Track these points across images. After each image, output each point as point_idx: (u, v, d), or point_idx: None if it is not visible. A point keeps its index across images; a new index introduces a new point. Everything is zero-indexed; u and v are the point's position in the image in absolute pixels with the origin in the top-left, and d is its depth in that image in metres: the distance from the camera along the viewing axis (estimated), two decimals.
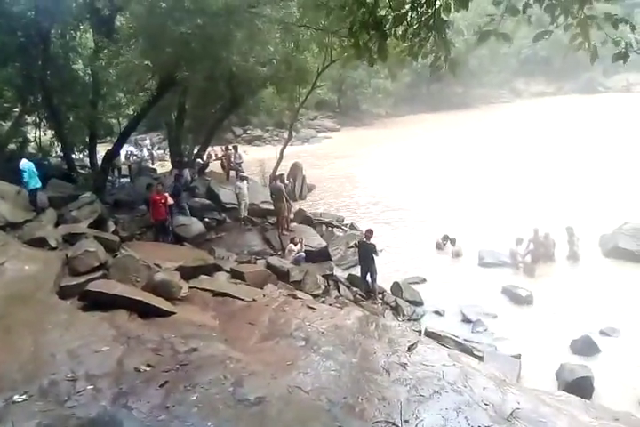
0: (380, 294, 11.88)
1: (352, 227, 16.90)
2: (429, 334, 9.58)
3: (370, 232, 12.38)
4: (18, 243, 9.68)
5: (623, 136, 28.33)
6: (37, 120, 19.25)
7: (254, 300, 8.91)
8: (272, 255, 13.21)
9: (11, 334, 5.87)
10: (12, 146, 18.36)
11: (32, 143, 19.80)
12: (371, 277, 11.85)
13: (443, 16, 4.30)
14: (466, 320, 11.04)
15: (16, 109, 18.24)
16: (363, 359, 6.99)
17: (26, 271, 8.23)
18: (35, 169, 11.72)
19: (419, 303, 11.88)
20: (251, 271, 10.72)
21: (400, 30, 4.54)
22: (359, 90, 45.45)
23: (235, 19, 13.04)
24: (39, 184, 11.80)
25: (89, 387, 4.80)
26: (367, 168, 26.75)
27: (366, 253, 11.98)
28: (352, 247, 13.99)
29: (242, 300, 8.80)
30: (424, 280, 13.15)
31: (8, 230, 10.35)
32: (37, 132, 19.67)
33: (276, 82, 19.38)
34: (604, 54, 4.23)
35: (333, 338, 7.50)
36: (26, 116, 18.89)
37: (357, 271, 12.67)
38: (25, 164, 11.63)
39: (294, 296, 9.60)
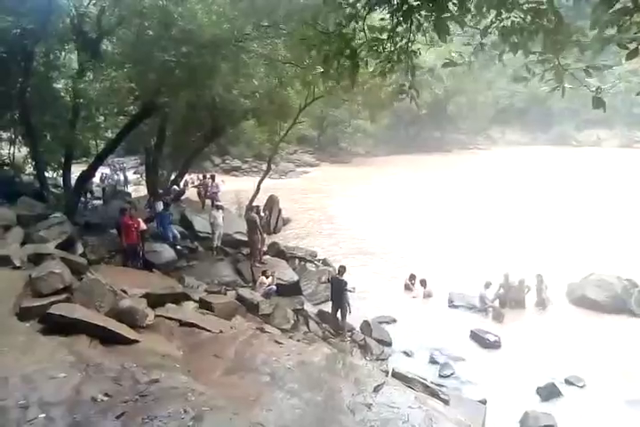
0: (349, 331, 11.79)
1: (325, 262, 16.87)
2: (396, 375, 9.47)
3: (343, 268, 12.39)
4: None
5: (593, 189, 29.42)
6: (12, 136, 18.96)
7: (221, 331, 8.72)
8: (243, 287, 13.02)
9: None
10: None
11: (5, 159, 19.45)
12: (341, 313, 11.78)
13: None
14: (434, 362, 11.00)
15: None
16: (328, 398, 6.86)
17: None
18: None
19: (387, 343, 11.81)
20: (220, 302, 10.50)
21: (374, 56, 4.89)
22: (339, 128, 46.49)
23: (221, 51, 13.29)
24: None
25: (41, 415, 4.54)
26: (343, 205, 26.99)
27: (338, 289, 11.95)
28: (324, 283, 13.95)
29: (209, 331, 8.61)
30: (394, 320, 13.12)
31: None
32: (12, 149, 19.34)
33: (258, 115, 19.68)
34: (577, 109, 4.52)
35: (299, 375, 7.37)
36: (1, 132, 18.61)
37: (328, 307, 12.58)
38: None
39: (262, 330, 9.46)
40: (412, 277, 15.07)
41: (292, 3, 12.40)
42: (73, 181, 16.86)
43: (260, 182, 22.07)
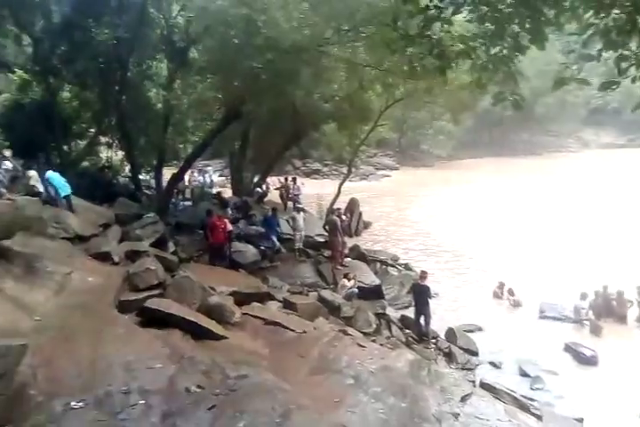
0: (433, 338, 11.51)
1: (407, 267, 16.62)
2: (484, 386, 9.11)
3: (425, 274, 12.14)
4: (84, 255, 10.08)
5: None
6: (110, 141, 20.31)
7: (305, 332, 8.79)
8: (324, 288, 13.10)
9: (72, 343, 6.00)
10: (85, 164, 19.41)
11: (104, 162, 20.86)
12: (424, 320, 11.52)
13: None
14: (524, 375, 10.43)
15: (92, 130, 19.34)
16: (413, 405, 6.70)
17: (89, 283, 8.50)
18: (61, 178, 11.98)
19: (474, 352, 11.37)
20: (303, 303, 10.62)
21: (467, 63, 4.68)
22: (421, 131, 45.68)
23: (303, 56, 13.50)
24: (70, 190, 12.06)
25: (141, 402, 4.79)
26: (425, 209, 26.48)
27: (421, 295, 11.72)
28: (409, 292, 13.64)
29: (292, 331, 8.70)
30: (480, 329, 12.62)
31: (76, 243, 10.80)
32: (110, 153, 20.72)
33: (339, 118, 19.83)
34: None
35: (383, 379, 7.26)
36: (100, 137, 19.97)
37: (411, 313, 12.35)
38: (51, 174, 11.94)
39: (345, 332, 9.44)
40: (502, 285, 14.46)
41: (372, 6, 12.33)
42: (164, 183, 17.81)
43: (340, 185, 22.17)
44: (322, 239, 16.61)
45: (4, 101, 18.11)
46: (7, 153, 17.75)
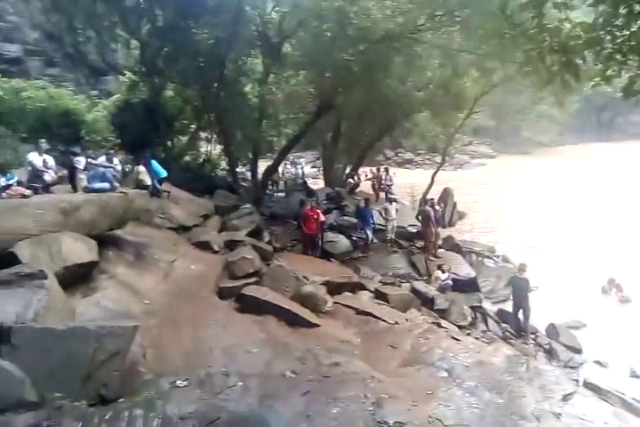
0: (532, 334, 10.98)
1: (504, 259, 15.95)
2: (588, 386, 8.54)
3: (523, 266, 11.59)
4: (187, 244, 10.74)
5: None
6: (210, 136, 21.29)
7: (397, 323, 8.76)
8: (417, 280, 12.95)
9: (177, 325, 6.46)
10: (187, 158, 20.53)
11: (203, 156, 21.96)
12: (523, 314, 11.02)
13: None
14: (635, 376, 9.66)
15: (193, 126, 20.39)
16: (510, 401, 6.45)
17: (192, 270, 9.06)
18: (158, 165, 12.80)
19: (577, 350, 10.70)
20: (395, 294, 10.58)
21: (591, 54, 4.17)
22: (520, 116, 43.26)
23: (395, 45, 13.28)
24: (165, 174, 12.81)
25: (239, 384, 5.05)
26: (524, 199, 25.14)
27: (519, 288, 11.22)
28: (507, 286, 13.11)
29: (384, 321, 8.70)
30: (584, 325, 11.83)
31: (180, 232, 11.55)
32: (209, 147, 21.74)
33: (432, 106, 19.35)
34: None
35: (478, 374, 7.07)
36: (200, 133, 20.98)
37: (508, 307, 11.85)
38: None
39: (438, 325, 9.30)
40: (611, 280, 13.44)
41: None
42: (259, 176, 18.43)
43: (434, 175, 21.68)
44: (414, 230, 16.37)
45: (115, 102, 19.60)
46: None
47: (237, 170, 20.02)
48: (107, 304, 6.73)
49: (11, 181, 8.19)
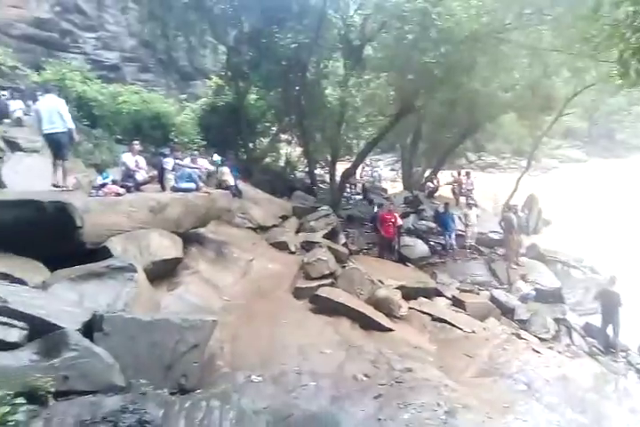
0: (622, 351, 10.24)
1: (593, 270, 14.99)
2: None
3: (614, 279, 10.85)
4: (265, 244, 11.04)
5: None
6: (290, 138, 21.73)
7: (473, 331, 8.53)
8: (497, 288, 12.47)
9: (253, 322, 6.66)
10: (267, 159, 21.08)
11: (283, 158, 22.45)
12: (613, 329, 10.31)
13: None
14: None
15: (274, 128, 20.90)
16: (595, 422, 6.09)
17: (269, 270, 9.31)
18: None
19: None
20: (473, 302, 10.28)
21: None
22: (616, 118, 40.46)
23: (480, 45, 12.90)
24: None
25: (312, 383, 5.12)
26: (617, 207, 23.45)
27: (609, 302, 10.51)
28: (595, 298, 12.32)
29: (460, 329, 8.50)
30: None
31: (258, 232, 11.90)
32: (289, 149, 22.19)
33: (519, 108, 18.62)
34: None
35: (560, 390, 6.74)
36: (281, 135, 21.46)
37: (596, 320, 11.13)
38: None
39: (518, 336, 8.95)
40: None
41: None
42: (337, 178, 18.56)
43: (518, 180, 20.79)
44: (496, 237, 15.78)
45: (202, 105, 20.53)
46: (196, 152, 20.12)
47: (316, 172, 20.29)
48: (189, 298, 7.07)
49: (106, 180, 8.76)
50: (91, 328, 4.58)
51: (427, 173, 23.33)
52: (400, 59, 13.82)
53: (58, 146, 7.88)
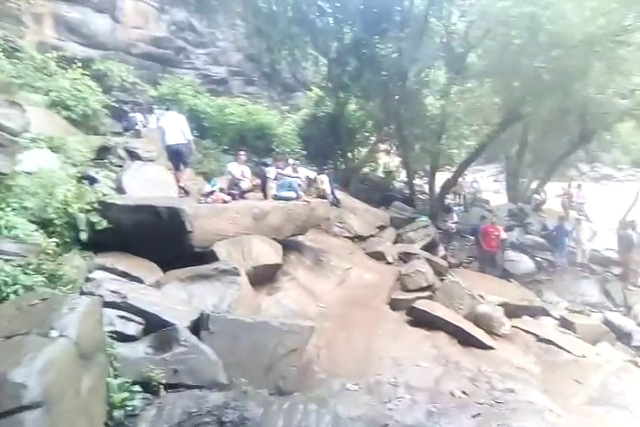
0: None
1: None
2: None
3: None
4: (362, 253, 11.05)
5: None
6: (389, 148, 21.62)
7: (584, 356, 7.92)
8: (611, 311, 11.52)
9: (349, 331, 6.67)
10: (365, 169, 21.13)
11: (381, 168, 22.38)
12: None
13: None
14: None
15: (373, 138, 20.91)
16: None
17: (365, 279, 9.30)
18: None
19: None
20: (583, 324, 9.59)
21: None
22: None
23: (595, 49, 12.09)
24: None
25: (407, 396, 5.02)
26: None
27: None
28: None
29: (569, 352, 7.95)
30: None
31: (355, 241, 11.94)
32: (387, 159, 22.08)
33: (638, 116, 17.11)
34: None
35: None
36: (379, 145, 21.43)
37: None
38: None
39: (636, 364, 8.24)
40: None
41: None
42: (437, 188, 18.18)
43: (638, 193, 19.06)
44: (611, 255, 14.57)
45: (303, 116, 21.09)
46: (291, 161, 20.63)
47: (415, 182, 20.02)
48: (287, 304, 7.24)
49: (214, 188, 9.25)
50: (198, 326, 4.84)
51: (533, 185, 22.12)
52: (506, 65, 13.33)
53: (180, 156, 8.92)
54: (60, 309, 3.38)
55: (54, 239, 6.08)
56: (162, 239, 6.65)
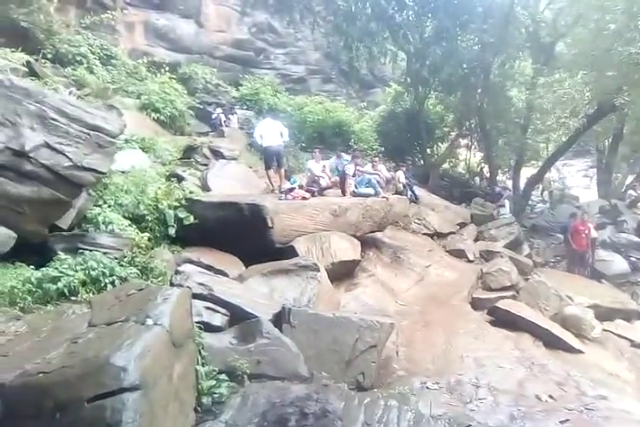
0: None
1: None
2: None
3: None
4: (441, 251, 10.86)
5: None
6: (470, 143, 20.98)
7: None
8: None
9: (428, 329, 6.60)
10: (445, 165, 20.65)
11: (462, 163, 21.76)
12: None
13: None
14: None
15: (453, 133, 20.38)
16: None
17: (445, 277, 9.14)
18: None
19: None
20: None
21: None
22: None
23: None
24: None
25: (489, 397, 4.88)
26: None
27: None
28: None
29: None
30: None
31: (435, 239, 11.75)
32: (468, 154, 21.44)
33: None
34: None
35: None
36: (460, 140, 20.84)
37: None
38: None
39: None
40: None
41: None
42: (522, 184, 17.45)
43: None
44: None
45: (380, 112, 20.95)
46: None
47: (497, 178, 19.33)
48: (365, 300, 7.29)
49: (294, 185, 9.45)
50: (279, 320, 5.00)
51: (628, 180, 20.65)
52: (599, 53, 12.52)
53: (277, 156, 9.75)
54: (154, 299, 3.63)
55: (146, 234, 6.51)
56: (244, 235, 6.92)
